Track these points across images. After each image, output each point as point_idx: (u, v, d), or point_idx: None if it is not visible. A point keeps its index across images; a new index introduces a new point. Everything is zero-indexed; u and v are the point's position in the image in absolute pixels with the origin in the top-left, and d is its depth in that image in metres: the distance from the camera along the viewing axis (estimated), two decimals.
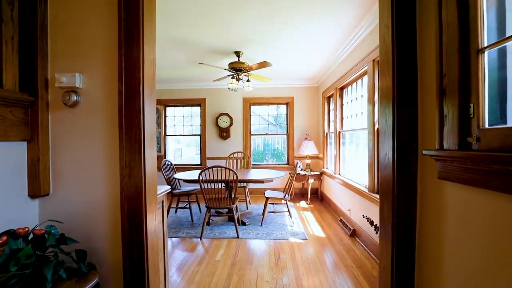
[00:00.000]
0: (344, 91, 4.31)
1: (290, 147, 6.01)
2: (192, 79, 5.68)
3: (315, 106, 5.95)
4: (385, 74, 1.34)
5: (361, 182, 3.41)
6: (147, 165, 1.40)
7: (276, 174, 4.10)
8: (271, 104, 6.13)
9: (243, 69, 3.88)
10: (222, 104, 6.07)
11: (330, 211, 4.67)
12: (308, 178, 5.20)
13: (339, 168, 4.37)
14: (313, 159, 5.89)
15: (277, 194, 4.13)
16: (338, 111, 4.38)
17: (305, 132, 5.93)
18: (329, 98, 5.24)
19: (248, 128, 6.04)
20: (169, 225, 3.95)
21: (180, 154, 11.96)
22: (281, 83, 5.93)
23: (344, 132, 4.26)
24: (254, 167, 6.00)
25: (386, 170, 1.36)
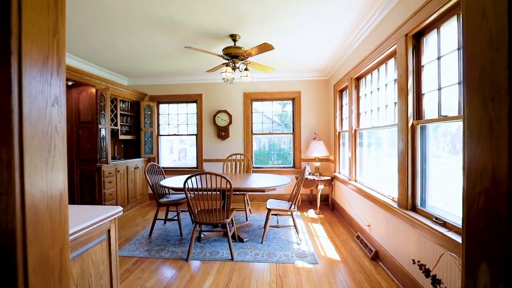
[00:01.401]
0: (361, 82, 3.62)
1: (296, 148, 5.34)
2: (186, 72, 5.08)
3: (325, 102, 5.27)
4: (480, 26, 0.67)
5: (386, 192, 2.72)
6: (34, 187, 0.77)
7: (281, 180, 3.44)
8: (275, 100, 5.48)
9: (240, 55, 3.24)
10: (220, 100, 5.45)
11: (344, 224, 3.98)
12: (318, 183, 4.52)
13: (355, 173, 3.69)
14: (323, 161, 5.21)
15: (281, 204, 3.47)
16: (354, 105, 3.70)
17: (314, 131, 5.26)
18: (341, 91, 4.55)
19: (249, 126, 5.40)
20: (153, 241, 3.35)
21: (185, 155, 11.37)
22: (286, 76, 5.26)
23: (361, 131, 3.58)
24: (256, 170, 5.36)
25: (487, 195, 0.69)
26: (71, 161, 4.16)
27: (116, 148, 5.17)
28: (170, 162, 9.67)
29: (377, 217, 2.82)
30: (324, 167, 5.24)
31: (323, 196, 5.14)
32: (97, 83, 4.11)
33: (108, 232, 1.34)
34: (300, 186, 3.22)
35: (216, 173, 2.68)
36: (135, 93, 5.19)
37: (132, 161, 4.91)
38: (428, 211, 2.00)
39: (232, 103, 5.42)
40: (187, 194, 2.75)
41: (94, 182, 4.08)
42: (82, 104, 4.14)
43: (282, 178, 3.65)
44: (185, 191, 2.73)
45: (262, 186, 3.09)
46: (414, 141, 2.18)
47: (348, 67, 3.84)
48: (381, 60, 2.87)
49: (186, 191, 2.74)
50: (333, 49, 3.83)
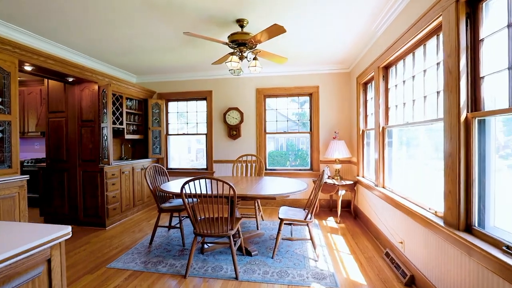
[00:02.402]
0: (390, 71, 3.08)
1: (314, 149, 4.84)
2: (195, 67, 4.76)
3: (346, 97, 4.73)
4: None
5: (425, 203, 2.19)
6: None
7: (295, 186, 3.00)
8: (290, 96, 5.02)
9: (247, 42, 2.83)
10: (231, 96, 5.08)
11: (369, 236, 3.45)
12: (338, 188, 4.01)
13: (383, 177, 3.15)
14: (344, 163, 4.67)
15: (296, 213, 3.02)
16: (381, 99, 3.16)
17: (334, 129, 4.74)
18: (365, 84, 4.00)
19: (262, 125, 4.98)
20: (152, 251, 3.03)
21: (203, 155, 11.15)
22: (303, 70, 4.79)
23: (391, 128, 3.04)
24: (270, 173, 4.93)
25: None
26: (74, 162, 3.97)
27: (123, 148, 4.97)
28: (187, 163, 9.47)
29: (413, 233, 2.29)
30: (346, 170, 4.70)
31: (344, 202, 4.61)
32: (99, 79, 3.89)
33: (47, 262, 0.98)
34: (318, 192, 2.75)
35: (217, 178, 2.29)
36: (142, 91, 4.95)
37: (139, 162, 4.67)
38: (492, 235, 1.47)
39: (244, 100, 5.03)
40: (185, 201, 2.39)
41: (96, 184, 3.86)
42: (85, 102, 3.93)
43: (298, 182, 3.20)
44: (182, 197, 2.37)
45: (272, 192, 2.66)
46: (468, 140, 1.66)
47: (373, 55, 3.31)
48: (417, 42, 2.34)
49: (183, 198, 2.38)
50: (356, 34, 3.32)
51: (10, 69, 2.67)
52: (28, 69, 3.11)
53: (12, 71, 2.69)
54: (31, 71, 3.19)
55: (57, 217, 4.05)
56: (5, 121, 2.62)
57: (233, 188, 2.32)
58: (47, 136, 4.09)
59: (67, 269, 2.66)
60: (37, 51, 2.92)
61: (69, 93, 3.99)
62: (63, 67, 3.30)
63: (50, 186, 4.07)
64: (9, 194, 2.58)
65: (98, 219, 3.87)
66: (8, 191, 2.57)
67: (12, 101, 2.69)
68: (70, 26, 2.98)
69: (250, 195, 2.55)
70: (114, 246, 3.23)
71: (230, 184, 2.31)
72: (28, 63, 2.92)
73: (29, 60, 2.87)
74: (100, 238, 3.49)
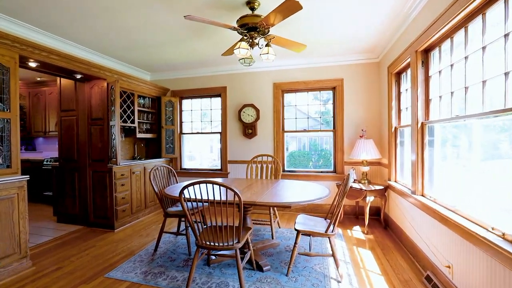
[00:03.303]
0: (431, 55, 2.55)
1: (338, 149, 4.35)
2: (208, 62, 4.49)
3: (375, 90, 4.18)
4: None
5: (486, 221, 1.68)
6: None
7: (316, 191, 2.58)
8: (311, 91, 4.56)
9: (259, 25, 2.47)
10: (246, 92, 4.74)
11: (404, 253, 2.92)
12: (366, 194, 3.50)
13: (422, 183, 2.62)
14: (372, 165, 4.14)
15: (315, 223, 2.61)
16: (420, 89, 2.63)
17: (361, 127, 4.21)
18: (399, 74, 3.45)
19: (280, 123, 4.58)
20: (156, 259, 2.78)
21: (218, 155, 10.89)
22: (325, 61, 4.31)
23: (432, 124, 2.51)
24: (288, 175, 4.52)
25: None
26: (84, 162, 3.87)
27: (136, 147, 4.84)
28: (209, 162, 9.26)
29: (467, 258, 1.78)
30: (375, 173, 4.16)
31: (372, 208, 4.07)
32: (107, 75, 3.74)
33: None
34: (342, 201, 2.32)
35: (220, 182, 1.96)
36: (155, 88, 4.78)
37: (151, 162, 4.49)
38: None
39: (260, 96, 4.66)
40: (184, 207, 2.08)
41: (105, 185, 3.72)
42: (94, 100, 3.81)
43: (319, 187, 2.78)
44: (182, 203, 2.07)
45: (286, 200, 2.27)
46: None
47: (409, 38, 2.78)
48: (471, 11, 1.82)
49: (182, 203, 2.07)
50: (386, 16, 2.81)
51: (10, 64, 2.55)
52: (32, 65, 3.00)
53: (12, 67, 2.57)
54: (36, 68, 3.09)
55: (69, 217, 3.98)
56: (4, 119, 2.49)
57: (239, 195, 1.97)
58: (60, 135, 4.04)
59: (65, 275, 2.49)
60: (39, 46, 2.78)
61: (79, 91, 3.90)
62: (68, 63, 3.16)
63: (62, 186, 4.02)
64: (6, 195, 2.45)
65: (107, 221, 3.73)
66: (6, 192, 2.45)
67: (12, 98, 2.56)
68: (73, 18, 2.81)
69: (260, 202, 2.18)
70: (119, 251, 3.03)
71: (235, 190, 1.96)
72: (30, 58, 2.80)
73: (30, 55, 2.75)
74: (106, 241, 3.32)
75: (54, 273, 2.56)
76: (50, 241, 3.34)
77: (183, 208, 2.08)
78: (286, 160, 4.72)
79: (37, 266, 2.68)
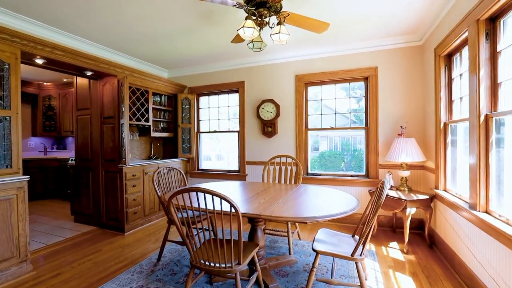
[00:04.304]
0: (501, 24, 1.89)
1: (371, 149, 3.73)
2: (224, 55, 4.16)
3: (417, 78, 3.49)
4: None
5: None
6: None
7: (342, 202, 2.09)
8: (338, 82, 3.99)
9: (268, 0, 2.04)
10: (265, 86, 4.32)
11: (456, 283, 2.27)
12: (406, 205, 2.87)
13: (486, 195, 1.98)
14: (414, 169, 3.46)
15: (340, 241, 2.10)
16: (483, 70, 1.98)
17: (399, 123, 3.55)
18: (449, 57, 2.77)
19: (302, 119, 4.09)
20: (156, 271, 2.49)
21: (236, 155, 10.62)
22: (355, 47, 3.72)
23: (502, 117, 1.86)
24: (312, 179, 4.01)
25: None
26: (97, 161, 3.78)
27: (152, 147, 4.69)
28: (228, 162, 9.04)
29: None
30: (417, 179, 3.47)
31: (414, 220, 3.40)
32: (118, 72, 3.60)
33: None
34: (374, 216, 1.80)
35: (212, 191, 1.57)
36: (171, 85, 4.59)
37: (166, 162, 4.30)
38: None
39: (280, 90, 4.21)
40: (173, 215, 1.74)
41: (116, 185, 3.58)
42: (106, 98, 3.69)
43: (345, 197, 2.28)
44: (171, 213, 1.73)
45: (301, 214, 1.81)
46: None
47: (466, 5, 2.13)
48: None
49: (172, 213, 1.73)
50: None
51: (10, 60, 2.45)
52: (39, 62, 2.92)
53: (12, 63, 2.47)
54: (43, 65, 3.01)
55: (84, 217, 3.94)
56: (3, 117, 2.39)
57: (236, 207, 1.58)
58: (76, 135, 4.01)
59: (61, 284, 2.31)
60: (41, 40, 2.67)
61: (93, 89, 3.82)
62: (74, 59, 3.04)
63: (78, 185, 3.99)
64: (4, 196, 2.34)
65: (118, 223, 3.59)
66: (4, 192, 2.34)
67: (12, 95, 2.46)
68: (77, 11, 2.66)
69: (266, 216, 1.76)
70: (122, 259, 2.82)
71: (231, 201, 1.56)
72: (34, 54, 2.70)
73: (33, 51, 2.64)
74: (113, 246, 3.15)
75: (51, 280, 2.40)
76: (61, 242, 3.27)
77: (172, 217, 1.74)
78: (310, 162, 4.21)
79: (38, 271, 2.56)
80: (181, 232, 1.76)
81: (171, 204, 1.71)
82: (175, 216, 1.73)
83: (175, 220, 1.75)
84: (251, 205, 2.03)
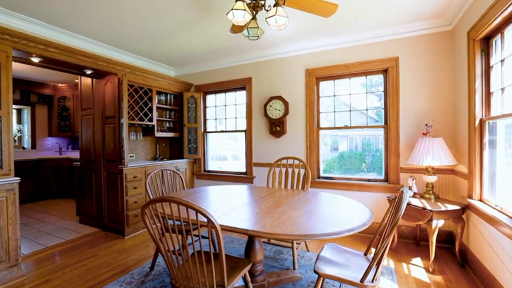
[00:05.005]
0: None
1: (391, 151, 3.31)
2: (228, 50, 3.93)
3: (445, 69, 3.02)
4: None
5: None
6: None
7: (352, 214, 1.77)
8: (353, 76, 3.60)
9: None
10: (273, 82, 4.03)
11: None
12: (432, 216, 2.45)
13: None
14: (442, 174, 3.00)
15: (347, 261, 1.77)
16: None
17: (424, 121, 3.11)
18: (487, 40, 2.32)
19: (313, 118, 3.74)
20: (147, 282, 2.30)
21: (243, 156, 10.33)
22: (372, 36, 3.32)
23: None
24: (323, 183, 3.66)
25: None
26: (99, 162, 3.70)
27: (158, 147, 4.57)
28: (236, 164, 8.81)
29: None
30: (445, 185, 3.01)
31: (442, 233, 2.95)
32: (118, 70, 3.48)
33: None
34: (391, 232, 1.46)
35: (186, 203, 1.33)
36: (176, 83, 4.43)
37: (171, 163, 4.15)
38: None
39: (289, 86, 3.90)
40: (147, 226, 1.52)
41: (116, 187, 3.46)
42: (107, 97, 3.60)
43: (357, 207, 1.95)
44: (144, 220, 1.51)
45: (298, 231, 1.51)
46: None
47: None
48: None
49: (144, 221, 1.51)
50: None
51: (0, 59, 2.37)
52: (35, 60, 2.86)
53: (3, 61, 2.39)
54: (40, 63, 2.94)
55: (88, 218, 3.88)
56: None
57: (211, 219, 1.32)
58: (80, 135, 3.97)
59: None
60: (33, 38, 2.58)
61: (95, 89, 3.74)
62: (71, 56, 2.94)
63: (83, 186, 3.94)
64: None
65: (118, 226, 3.47)
66: None
67: (3, 94, 2.38)
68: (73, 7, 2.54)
69: (254, 232, 1.48)
70: (116, 265, 2.67)
71: (205, 212, 1.31)
72: (28, 52, 2.62)
73: (25, 49, 2.56)
74: (109, 251, 3.03)
75: (40, 286, 2.29)
76: (60, 245, 3.20)
77: (148, 229, 1.51)
78: (329, 162, 3.88)
79: (29, 276, 2.47)
80: (158, 245, 1.54)
81: (145, 215, 1.49)
82: (149, 228, 1.51)
83: (150, 233, 1.53)
84: (241, 216, 1.76)
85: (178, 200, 1.34)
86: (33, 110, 5.86)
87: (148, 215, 1.50)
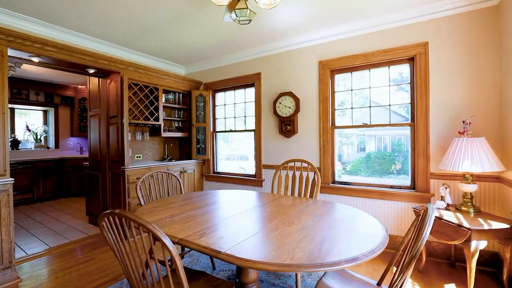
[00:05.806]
0: None
1: (419, 153, 2.82)
2: (236, 44, 3.67)
3: (488, 54, 2.47)
4: None
5: None
6: None
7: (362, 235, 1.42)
8: (373, 67, 3.14)
9: None
10: (283, 77, 3.70)
11: None
12: (471, 235, 1.98)
13: None
14: (484, 181, 2.47)
15: None
16: None
17: (460, 117, 2.58)
18: None
19: (328, 115, 3.35)
20: None
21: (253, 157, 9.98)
22: (395, 19, 2.85)
23: None
24: (338, 189, 3.25)
25: None
26: (104, 163, 3.65)
27: (166, 147, 4.46)
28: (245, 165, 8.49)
29: None
30: (489, 196, 2.47)
31: (484, 253, 2.42)
32: (120, 68, 3.39)
33: None
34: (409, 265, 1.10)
35: (134, 218, 1.09)
36: (183, 81, 4.28)
37: (177, 164, 4.00)
38: None
39: (301, 80, 3.54)
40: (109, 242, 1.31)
41: (120, 188, 3.38)
42: (111, 96, 3.53)
43: (372, 226, 1.59)
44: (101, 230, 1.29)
45: (279, 258, 1.20)
46: None
47: None
48: None
49: (101, 230, 1.30)
50: None
51: None
52: (35, 60, 2.83)
53: None
54: (40, 63, 2.91)
55: (96, 218, 3.86)
56: None
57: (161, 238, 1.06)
58: (88, 135, 3.97)
59: None
60: (28, 36, 2.53)
61: (101, 89, 3.71)
62: (69, 55, 2.88)
63: (91, 186, 3.94)
64: None
65: None
66: None
67: None
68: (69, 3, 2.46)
69: (225, 255, 1.19)
70: (109, 272, 2.55)
71: (159, 233, 1.05)
72: (25, 52, 2.58)
73: (21, 48, 2.52)
74: (107, 255, 2.93)
75: None
76: (63, 246, 3.18)
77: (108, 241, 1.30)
78: (349, 164, 3.47)
79: (24, 279, 2.43)
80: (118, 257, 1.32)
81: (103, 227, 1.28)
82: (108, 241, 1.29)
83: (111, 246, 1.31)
84: (221, 231, 1.49)
85: (126, 215, 1.10)
86: (56, 111, 6.11)
87: (105, 229, 1.29)
